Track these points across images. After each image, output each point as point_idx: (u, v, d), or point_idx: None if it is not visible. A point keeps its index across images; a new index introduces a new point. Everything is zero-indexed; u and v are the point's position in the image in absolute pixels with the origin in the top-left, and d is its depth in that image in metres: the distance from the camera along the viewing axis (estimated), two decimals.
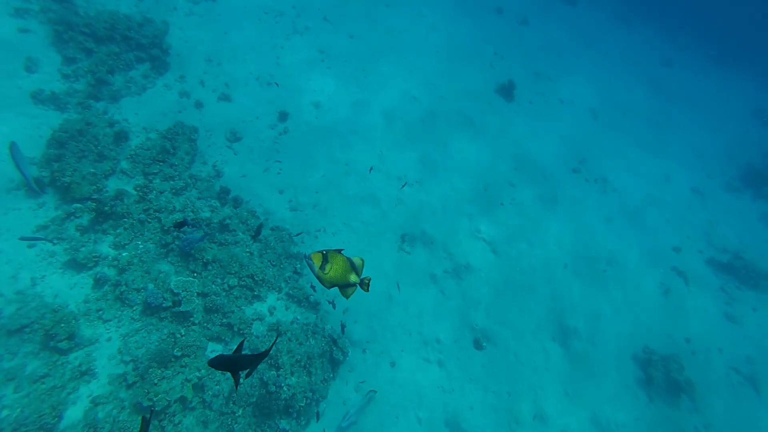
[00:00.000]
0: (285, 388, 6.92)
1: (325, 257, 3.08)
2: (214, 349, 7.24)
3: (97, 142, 8.77)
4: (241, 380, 6.26)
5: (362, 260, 3.24)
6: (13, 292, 6.64)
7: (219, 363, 2.88)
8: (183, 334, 7.04)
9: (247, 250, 8.13)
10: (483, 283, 9.80)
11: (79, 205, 7.87)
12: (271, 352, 7.15)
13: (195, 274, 7.61)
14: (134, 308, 7.14)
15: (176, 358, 6.76)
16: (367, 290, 3.24)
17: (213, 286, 7.48)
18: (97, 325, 6.90)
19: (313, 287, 8.26)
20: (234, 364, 2.93)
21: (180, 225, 5.30)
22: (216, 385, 6.85)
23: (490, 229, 10.59)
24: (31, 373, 6.02)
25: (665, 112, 16.81)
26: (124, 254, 7.61)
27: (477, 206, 10.93)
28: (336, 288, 3.22)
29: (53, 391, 5.94)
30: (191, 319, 7.19)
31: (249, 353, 3.03)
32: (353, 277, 3.17)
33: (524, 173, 12.07)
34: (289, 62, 12.09)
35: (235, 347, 6.70)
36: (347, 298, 3.31)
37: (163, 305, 7.15)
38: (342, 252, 3.19)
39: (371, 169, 10.42)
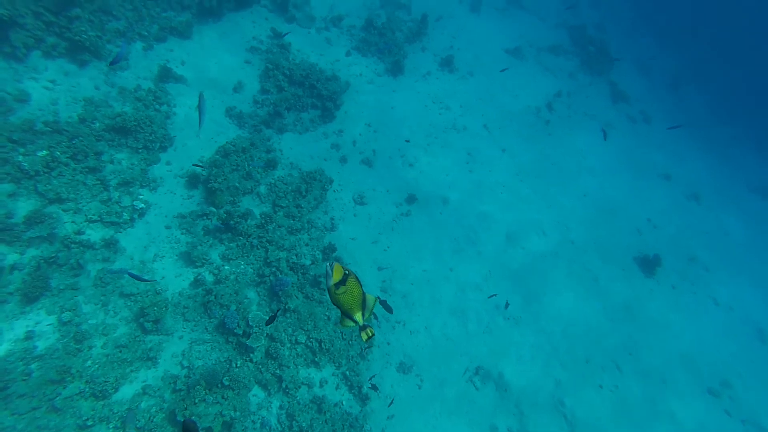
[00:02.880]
0: None
1: (344, 279, 3.04)
2: (257, 394, 7.76)
3: (251, 161, 10.67)
4: None
5: (375, 300, 3.20)
6: (139, 260, 8.17)
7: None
8: (238, 365, 7.74)
9: (327, 313, 8.82)
10: None
11: (213, 209, 9.53)
12: (303, 427, 7.43)
13: None
14: (212, 320, 8.13)
15: (222, 387, 7.41)
16: (365, 341, 3.15)
17: (282, 334, 8.19)
18: (177, 320, 8.00)
19: (374, 386, 8.46)
20: None
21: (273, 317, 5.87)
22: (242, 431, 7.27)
23: (578, 409, 9.82)
24: (118, 337, 7.19)
25: None
26: (226, 267, 8.86)
27: (570, 375, 10.32)
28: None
29: (123, 363, 6.96)
30: (251, 355, 7.90)
31: None
32: (358, 316, 3.09)
33: (641, 365, 11.15)
34: (436, 152, 13.49)
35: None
36: (340, 327, 3.27)
37: (235, 330, 8.02)
38: (361, 284, 3.16)
39: (492, 296, 10.67)
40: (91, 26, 10.19)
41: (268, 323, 5.82)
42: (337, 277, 3.04)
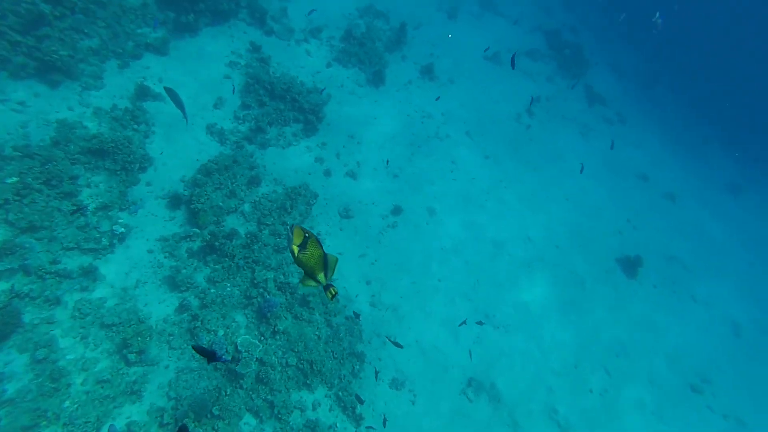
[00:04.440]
0: None
1: (305, 242, 3.11)
2: (248, 422, 7.46)
3: (234, 179, 10.32)
4: None
5: (336, 259, 3.24)
6: (121, 287, 7.79)
7: None
8: (228, 393, 7.44)
9: (317, 333, 8.57)
10: None
11: (197, 230, 9.18)
12: None
13: (262, 338, 8.17)
14: None
15: (212, 417, 7.09)
16: (331, 299, 3.27)
17: (273, 357, 7.92)
18: (162, 348, 7.64)
19: (359, 398, 8.25)
20: None
21: (209, 356, 4.15)
22: None
23: (570, 415, 9.78)
24: (99, 371, 6.81)
25: None
26: (212, 290, 8.52)
27: (562, 381, 10.28)
28: None
29: (105, 400, 6.58)
30: (241, 381, 7.61)
31: None
32: (321, 276, 3.18)
33: (628, 367, 11.19)
34: (420, 163, 13.34)
35: None
36: (302, 286, 3.29)
37: (224, 357, 7.70)
38: (321, 245, 3.21)
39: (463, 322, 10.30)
40: (62, 45, 9.73)
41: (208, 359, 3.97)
42: (297, 240, 3.12)
